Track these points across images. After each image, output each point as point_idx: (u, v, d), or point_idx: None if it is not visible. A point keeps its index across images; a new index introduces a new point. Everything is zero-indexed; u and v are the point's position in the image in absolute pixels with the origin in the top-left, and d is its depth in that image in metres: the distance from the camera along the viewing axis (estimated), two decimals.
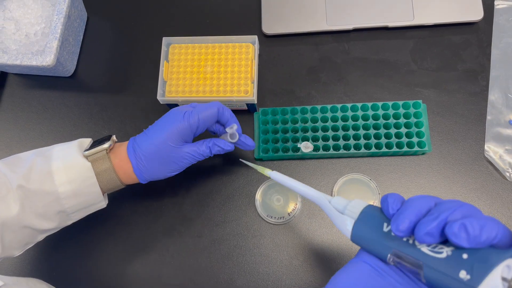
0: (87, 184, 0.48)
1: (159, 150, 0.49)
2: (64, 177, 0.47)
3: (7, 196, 0.45)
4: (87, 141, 0.52)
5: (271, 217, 0.59)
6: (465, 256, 0.30)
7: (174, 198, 0.61)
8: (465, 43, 0.65)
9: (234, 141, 0.53)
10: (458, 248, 0.30)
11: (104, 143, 0.50)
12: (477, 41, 0.64)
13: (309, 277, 0.56)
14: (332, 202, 0.41)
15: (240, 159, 0.58)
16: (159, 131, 0.49)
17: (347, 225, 0.38)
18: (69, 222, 0.51)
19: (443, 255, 0.31)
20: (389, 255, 0.34)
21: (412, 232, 0.32)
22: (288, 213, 0.59)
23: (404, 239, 0.33)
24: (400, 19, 0.65)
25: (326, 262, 0.57)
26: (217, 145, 0.52)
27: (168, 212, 0.61)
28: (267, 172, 0.51)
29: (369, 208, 0.37)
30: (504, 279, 0.28)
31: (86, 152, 0.49)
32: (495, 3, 0.65)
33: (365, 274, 0.35)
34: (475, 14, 0.64)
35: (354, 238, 0.37)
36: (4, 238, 0.46)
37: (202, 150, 0.51)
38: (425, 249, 0.32)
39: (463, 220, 0.29)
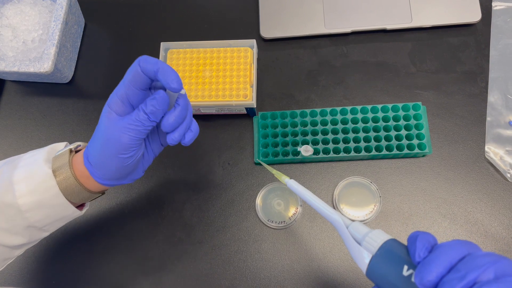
0: (50, 194, 0.43)
1: (95, 133, 0.42)
2: (25, 188, 0.42)
3: None
4: (61, 145, 0.47)
5: (272, 222, 0.58)
6: None
7: (174, 204, 0.61)
8: (463, 44, 0.65)
9: (172, 94, 0.43)
10: None
11: (72, 144, 0.45)
12: (475, 42, 0.65)
13: (310, 281, 0.56)
14: (350, 228, 0.38)
15: (257, 159, 0.57)
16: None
17: (363, 258, 0.35)
18: (45, 234, 0.47)
19: None
20: None
21: (436, 286, 0.29)
22: (289, 217, 0.58)
23: None
24: (398, 22, 0.65)
25: (327, 266, 0.56)
26: (149, 100, 0.41)
27: (168, 218, 0.60)
28: (284, 179, 0.47)
29: (390, 244, 0.34)
30: None
31: (53, 157, 0.44)
32: (493, 4, 0.66)
33: None
34: (473, 15, 0.64)
35: (369, 274, 0.35)
36: None
37: (136, 113, 0.41)
38: None
39: (496, 284, 0.26)
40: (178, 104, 0.42)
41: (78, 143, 0.46)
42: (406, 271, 0.32)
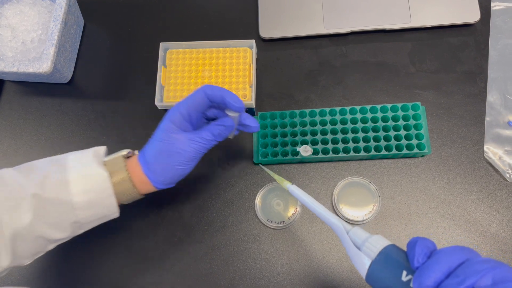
0: (103, 195, 0.47)
1: (161, 144, 0.48)
2: (80, 187, 0.46)
3: (20, 205, 0.44)
4: (102, 149, 0.51)
5: (271, 222, 0.58)
6: None
7: (174, 204, 0.61)
8: (462, 44, 0.65)
9: (234, 115, 0.50)
10: None
11: (122, 151, 0.50)
12: (475, 42, 0.65)
13: (310, 281, 0.56)
14: (350, 233, 0.39)
15: (260, 165, 0.58)
16: (157, 129, 0.49)
17: (363, 263, 0.35)
18: (81, 231, 0.50)
19: None
20: None
21: None
22: (288, 217, 0.58)
23: None
24: (397, 22, 0.65)
25: (327, 266, 0.56)
26: (217, 125, 0.49)
27: (168, 218, 0.60)
28: (286, 184, 0.49)
29: (389, 249, 0.35)
30: None
31: (105, 159, 0.49)
32: (492, 4, 0.66)
33: None
34: (472, 15, 0.64)
35: (368, 279, 0.35)
36: (16, 248, 0.45)
37: (204, 134, 0.48)
38: None
39: None
40: (247, 113, 0.51)
41: (128, 150, 0.51)
42: (405, 277, 0.32)
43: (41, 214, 0.45)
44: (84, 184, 0.46)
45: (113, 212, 0.50)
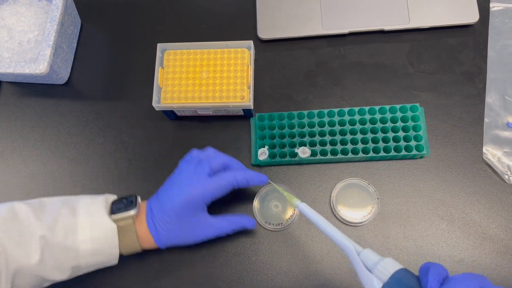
0: (109, 246, 0.49)
1: (177, 223, 0.50)
2: (88, 235, 0.48)
3: (29, 243, 0.45)
4: (113, 197, 0.53)
5: (270, 224, 0.58)
6: None
7: None
8: (461, 45, 0.65)
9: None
10: None
11: (131, 210, 0.50)
12: (474, 43, 0.64)
13: (308, 283, 0.56)
14: (361, 255, 0.39)
15: (269, 181, 0.56)
16: (171, 202, 0.50)
17: (374, 286, 0.36)
18: (79, 274, 0.51)
19: None
20: None
21: None
22: (287, 219, 0.58)
23: None
24: (395, 23, 0.65)
25: (325, 268, 0.56)
26: (238, 224, 0.54)
27: None
28: (295, 201, 0.50)
29: (401, 274, 0.35)
30: None
31: (113, 216, 0.50)
32: (491, 5, 0.65)
33: None
34: (471, 16, 0.64)
35: None
36: (16, 281, 0.46)
37: (225, 227, 0.53)
38: None
39: None
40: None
41: (136, 210, 0.51)
42: None
43: (46, 256, 0.46)
44: (92, 233, 0.48)
45: (113, 260, 0.51)
